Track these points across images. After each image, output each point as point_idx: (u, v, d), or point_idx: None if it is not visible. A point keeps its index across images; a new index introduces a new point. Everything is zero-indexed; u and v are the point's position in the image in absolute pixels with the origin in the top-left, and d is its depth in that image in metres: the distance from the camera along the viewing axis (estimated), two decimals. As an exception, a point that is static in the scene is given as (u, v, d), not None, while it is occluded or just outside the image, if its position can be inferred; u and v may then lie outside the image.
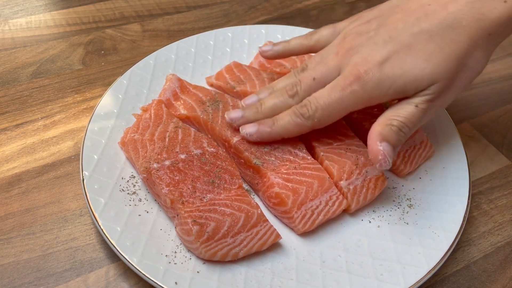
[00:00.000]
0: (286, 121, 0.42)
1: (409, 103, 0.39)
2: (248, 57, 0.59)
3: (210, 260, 0.39)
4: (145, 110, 0.49)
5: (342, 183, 0.42)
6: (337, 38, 0.43)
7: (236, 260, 0.39)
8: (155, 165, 0.41)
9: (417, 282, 0.38)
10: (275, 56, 0.49)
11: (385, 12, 0.42)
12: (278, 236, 0.40)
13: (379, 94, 0.39)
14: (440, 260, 0.40)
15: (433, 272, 0.39)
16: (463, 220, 0.43)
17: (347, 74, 0.39)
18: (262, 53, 0.49)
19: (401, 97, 0.40)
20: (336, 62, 0.41)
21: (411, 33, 0.39)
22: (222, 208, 0.39)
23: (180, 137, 0.44)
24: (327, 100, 0.40)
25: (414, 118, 0.39)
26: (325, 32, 0.46)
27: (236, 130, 0.45)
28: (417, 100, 0.39)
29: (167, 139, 0.44)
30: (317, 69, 0.42)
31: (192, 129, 0.46)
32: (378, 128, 0.38)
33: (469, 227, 0.46)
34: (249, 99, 0.46)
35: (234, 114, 0.45)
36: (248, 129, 0.43)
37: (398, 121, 0.38)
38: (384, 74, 0.38)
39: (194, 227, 0.37)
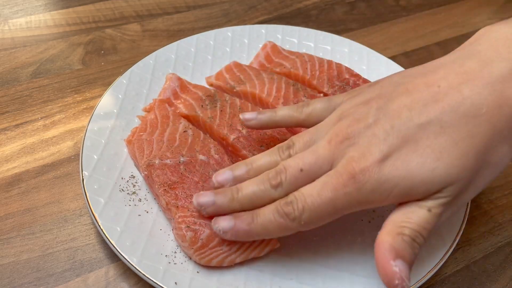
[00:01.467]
0: (267, 220, 0.35)
1: (420, 206, 0.32)
2: (248, 57, 0.59)
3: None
4: (147, 110, 0.49)
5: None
6: (331, 118, 0.37)
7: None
8: (156, 161, 0.41)
9: (417, 282, 0.38)
10: (259, 127, 0.42)
11: (387, 92, 0.35)
12: (276, 243, 0.39)
13: (379, 198, 0.32)
14: (440, 260, 0.40)
15: (433, 272, 0.39)
16: (463, 220, 0.43)
17: (341, 171, 0.33)
18: (244, 122, 0.42)
19: (406, 201, 0.33)
20: (328, 153, 0.34)
21: (418, 124, 0.32)
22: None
23: (189, 140, 0.44)
24: (316, 200, 0.33)
25: (428, 225, 0.32)
26: (318, 105, 0.40)
27: (233, 128, 0.45)
28: (430, 203, 0.32)
29: (177, 141, 0.44)
30: (306, 157, 0.35)
31: (202, 133, 0.46)
32: (389, 239, 0.31)
33: (469, 227, 0.46)
34: (222, 176, 0.38)
35: (204, 198, 0.37)
36: (223, 224, 0.36)
37: (410, 229, 0.31)
38: (384, 175, 0.32)
39: (188, 233, 0.37)
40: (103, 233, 0.38)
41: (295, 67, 0.54)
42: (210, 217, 0.38)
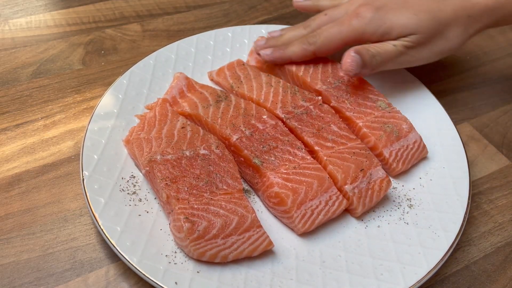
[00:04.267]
0: (296, 47, 0.52)
1: (388, 42, 0.49)
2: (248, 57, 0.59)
3: (206, 261, 0.39)
4: (150, 108, 0.50)
5: (347, 187, 0.42)
6: None
7: (236, 260, 0.39)
8: (158, 157, 0.41)
9: (417, 282, 0.38)
10: (303, 8, 0.58)
11: None
12: (270, 243, 0.39)
13: (369, 31, 0.49)
14: (440, 260, 0.40)
15: (433, 272, 0.39)
16: (463, 220, 0.43)
17: (350, 13, 0.50)
18: (294, 3, 0.58)
19: (386, 39, 0.49)
20: (347, 5, 0.52)
21: None
22: (216, 209, 0.39)
23: (188, 136, 0.45)
24: (329, 31, 0.50)
25: (388, 53, 0.49)
26: None
27: (237, 128, 0.45)
28: (396, 42, 0.49)
29: (175, 137, 0.44)
30: (332, 9, 0.53)
31: (201, 129, 0.46)
32: (356, 47, 0.47)
33: (469, 227, 0.46)
34: (274, 32, 0.56)
35: (260, 41, 0.55)
36: (265, 51, 0.54)
37: (375, 49, 0.48)
38: (377, 15, 0.49)
39: (186, 224, 0.37)
40: (103, 233, 0.38)
41: (289, 64, 0.54)
42: (209, 211, 0.38)
